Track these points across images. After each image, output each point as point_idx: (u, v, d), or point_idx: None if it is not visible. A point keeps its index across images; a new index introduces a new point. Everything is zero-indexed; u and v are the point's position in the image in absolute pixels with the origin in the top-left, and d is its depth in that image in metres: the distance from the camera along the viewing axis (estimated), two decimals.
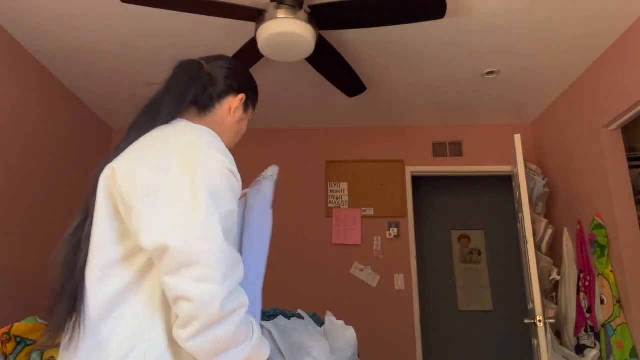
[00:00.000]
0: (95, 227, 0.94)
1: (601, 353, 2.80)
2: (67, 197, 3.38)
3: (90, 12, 2.57)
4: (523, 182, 3.11)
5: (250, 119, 1.25)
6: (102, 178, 0.95)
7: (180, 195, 0.85)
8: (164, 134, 0.98)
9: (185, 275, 0.81)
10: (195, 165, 0.89)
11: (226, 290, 0.81)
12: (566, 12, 2.56)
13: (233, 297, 0.83)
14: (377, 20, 2.36)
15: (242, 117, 1.20)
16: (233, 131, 1.18)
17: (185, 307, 0.80)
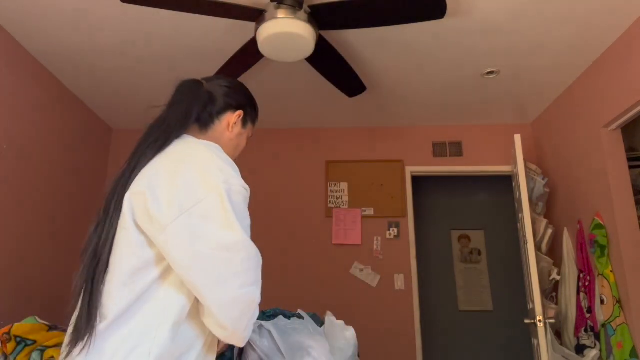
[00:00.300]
0: (120, 237, 1.01)
1: (601, 353, 2.80)
2: (67, 197, 3.38)
3: (90, 12, 2.57)
4: (523, 182, 3.11)
5: (250, 135, 1.33)
6: (130, 194, 1.02)
7: (211, 215, 0.95)
8: (180, 154, 1.06)
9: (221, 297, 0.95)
10: (217, 184, 0.98)
11: (259, 287, 0.97)
12: (566, 12, 2.56)
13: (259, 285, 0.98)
14: (377, 20, 2.36)
15: (241, 132, 1.28)
16: (232, 146, 1.26)
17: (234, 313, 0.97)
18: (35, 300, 2.97)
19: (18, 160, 2.89)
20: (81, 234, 3.57)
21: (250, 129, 1.33)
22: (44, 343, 1.84)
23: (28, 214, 2.97)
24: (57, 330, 1.95)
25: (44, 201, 3.13)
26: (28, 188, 2.98)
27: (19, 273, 2.87)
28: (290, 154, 4.15)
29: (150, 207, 0.97)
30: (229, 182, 1.00)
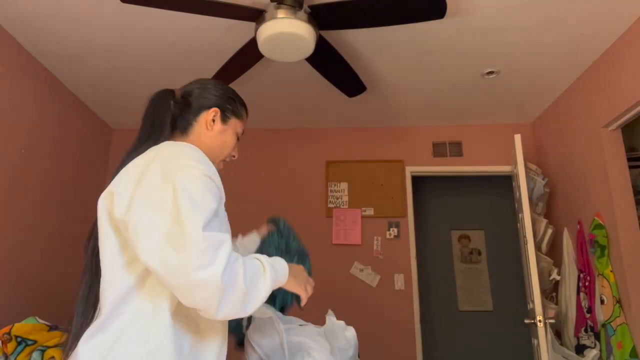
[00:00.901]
0: (102, 239, 1.08)
1: (601, 353, 2.80)
2: (67, 197, 3.38)
3: (90, 12, 2.57)
4: (523, 182, 3.11)
5: (240, 130, 1.34)
6: (101, 199, 1.10)
7: (164, 207, 0.97)
8: (150, 155, 1.10)
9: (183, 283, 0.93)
10: (174, 175, 1.01)
11: (220, 268, 0.91)
12: (566, 12, 2.56)
13: (229, 267, 0.94)
14: (377, 20, 2.36)
15: (223, 129, 1.29)
16: (217, 144, 1.29)
17: (198, 299, 0.93)
18: (35, 300, 2.97)
19: (18, 160, 2.89)
20: (81, 234, 3.57)
21: (236, 124, 1.33)
22: (45, 343, 1.84)
23: (28, 214, 2.97)
24: (57, 330, 1.95)
25: (43, 201, 3.13)
26: (28, 188, 2.98)
27: (19, 273, 2.87)
28: (290, 154, 4.15)
29: (115, 207, 1.03)
30: (186, 171, 1.02)
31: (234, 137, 1.33)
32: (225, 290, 0.92)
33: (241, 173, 4.05)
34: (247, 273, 0.98)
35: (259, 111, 3.85)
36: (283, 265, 1.15)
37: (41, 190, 3.11)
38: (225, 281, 0.92)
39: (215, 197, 1.03)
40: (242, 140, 4.22)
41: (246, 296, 0.97)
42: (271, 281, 1.04)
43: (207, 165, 1.07)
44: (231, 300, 0.95)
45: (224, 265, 0.92)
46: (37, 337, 1.85)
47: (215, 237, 0.95)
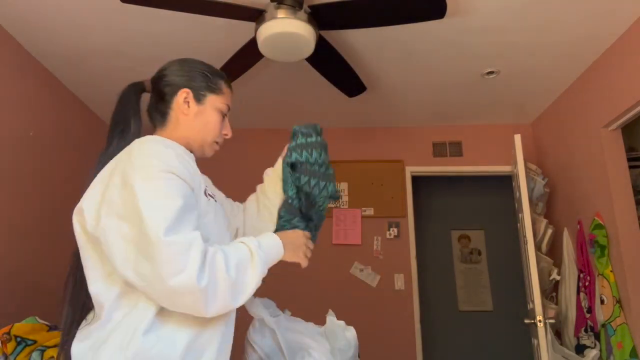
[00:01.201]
0: (82, 253, 1.06)
1: (601, 353, 2.80)
2: (66, 197, 3.38)
3: (90, 12, 2.57)
4: (523, 182, 3.11)
5: (221, 105, 1.23)
6: (74, 215, 1.08)
7: (127, 215, 0.93)
8: (112, 164, 1.06)
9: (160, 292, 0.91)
10: (131, 180, 0.96)
11: (193, 272, 0.88)
12: (566, 12, 2.56)
13: (205, 267, 0.90)
14: (377, 20, 2.36)
15: (200, 110, 1.20)
16: (197, 126, 1.20)
17: (182, 304, 0.92)
18: (35, 300, 2.97)
19: (18, 160, 2.89)
20: None
21: (214, 100, 1.22)
22: (44, 343, 1.84)
23: (28, 214, 2.97)
24: (57, 330, 1.95)
25: (43, 201, 3.13)
26: (28, 188, 2.98)
27: (19, 273, 2.87)
28: None
29: (87, 222, 1.01)
30: (142, 173, 0.97)
31: (217, 115, 1.21)
32: (207, 290, 0.89)
33: (241, 173, 4.05)
34: (230, 264, 0.94)
35: (259, 111, 3.85)
36: (274, 243, 1.09)
37: (41, 190, 3.11)
38: (203, 283, 0.88)
39: (179, 192, 0.96)
40: (242, 141, 4.22)
41: (234, 288, 0.94)
42: (261, 265, 1.00)
43: (166, 159, 1.00)
44: (217, 297, 0.91)
45: (197, 267, 0.88)
46: (37, 337, 1.85)
47: (181, 241, 0.89)
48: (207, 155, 1.25)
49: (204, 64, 1.26)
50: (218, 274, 0.91)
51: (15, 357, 1.75)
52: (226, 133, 1.25)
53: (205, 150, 1.24)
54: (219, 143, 1.26)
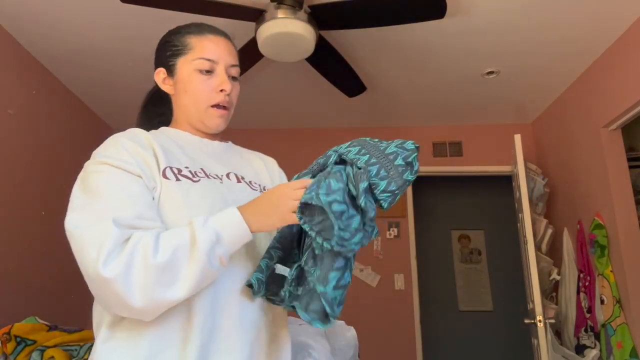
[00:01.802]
0: None
1: (601, 353, 2.80)
2: (67, 197, 3.38)
3: (90, 12, 2.57)
4: (523, 182, 3.11)
5: (195, 64, 1.03)
6: None
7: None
8: None
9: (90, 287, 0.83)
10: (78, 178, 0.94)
11: (100, 259, 0.78)
12: (566, 12, 2.56)
13: (117, 255, 0.78)
14: (377, 20, 2.36)
15: (176, 80, 1.06)
16: (183, 100, 1.06)
17: (108, 300, 0.81)
18: (35, 300, 2.97)
19: (18, 160, 2.89)
20: None
21: (183, 62, 1.04)
22: (44, 343, 1.84)
23: (28, 214, 2.97)
24: (57, 330, 1.95)
25: (44, 201, 3.13)
26: (28, 188, 2.98)
27: (19, 273, 2.87)
28: (290, 154, 4.14)
29: None
30: (86, 170, 0.95)
31: (194, 76, 1.03)
32: (118, 280, 0.77)
33: None
34: (159, 248, 0.79)
35: (259, 111, 3.85)
36: (229, 220, 0.85)
37: (41, 190, 3.11)
38: (109, 272, 0.76)
39: (105, 181, 0.89)
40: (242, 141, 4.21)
41: (164, 275, 0.78)
42: (205, 252, 0.80)
43: (105, 150, 0.96)
44: (137, 286, 0.77)
45: (103, 256, 0.77)
46: (37, 337, 1.85)
47: (89, 232, 0.81)
48: (213, 128, 1.07)
49: (169, 31, 1.11)
50: (136, 260, 0.78)
51: (15, 357, 1.75)
52: (222, 89, 1.03)
53: (206, 122, 1.05)
54: (219, 106, 1.04)
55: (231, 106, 1.07)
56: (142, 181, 0.90)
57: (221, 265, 0.83)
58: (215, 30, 1.08)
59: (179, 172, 0.95)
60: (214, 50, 1.04)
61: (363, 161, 0.89)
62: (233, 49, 1.09)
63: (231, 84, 1.05)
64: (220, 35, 1.08)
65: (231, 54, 1.07)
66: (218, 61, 1.04)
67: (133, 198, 0.86)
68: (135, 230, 0.82)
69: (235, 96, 1.08)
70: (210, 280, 0.84)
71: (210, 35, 1.06)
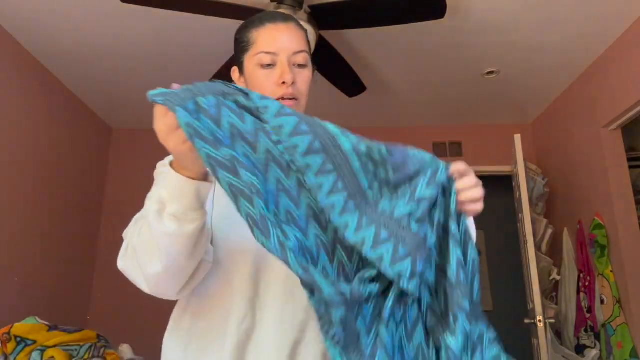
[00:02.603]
0: None
1: (601, 353, 2.80)
2: (67, 197, 3.38)
3: (90, 12, 2.57)
4: (523, 182, 3.11)
5: (255, 58, 0.99)
6: None
7: None
8: None
9: None
10: None
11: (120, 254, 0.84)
12: (566, 12, 2.56)
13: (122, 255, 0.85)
14: (377, 20, 2.36)
15: (246, 78, 1.03)
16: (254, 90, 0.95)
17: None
18: (35, 300, 2.97)
19: (18, 159, 2.89)
20: (81, 234, 3.57)
21: (248, 59, 1.01)
22: (44, 343, 1.84)
23: (28, 214, 2.97)
24: (57, 330, 1.95)
25: (44, 201, 3.13)
26: (28, 188, 2.98)
27: (19, 273, 2.87)
28: None
29: None
30: None
31: (258, 72, 0.99)
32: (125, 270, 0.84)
33: None
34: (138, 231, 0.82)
35: None
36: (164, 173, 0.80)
37: (41, 190, 3.11)
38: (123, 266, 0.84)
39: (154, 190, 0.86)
40: None
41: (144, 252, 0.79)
42: (153, 211, 0.77)
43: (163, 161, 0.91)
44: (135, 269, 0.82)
45: (121, 253, 0.85)
46: (37, 337, 1.85)
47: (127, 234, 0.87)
48: None
49: (238, 27, 1.06)
50: (129, 244, 0.84)
51: (15, 357, 1.75)
52: (284, 81, 0.96)
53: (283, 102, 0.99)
54: (284, 99, 0.97)
55: (301, 95, 1.00)
56: None
57: (184, 223, 0.76)
58: (275, 17, 1.02)
59: None
60: (273, 42, 0.98)
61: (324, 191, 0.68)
62: (298, 34, 1.01)
63: (294, 74, 0.97)
64: (280, 21, 1.01)
65: (295, 39, 1.00)
66: (278, 52, 0.97)
67: None
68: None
69: (304, 83, 1.00)
70: (183, 241, 0.77)
71: (269, 24, 1.00)
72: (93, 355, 1.89)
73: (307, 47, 1.03)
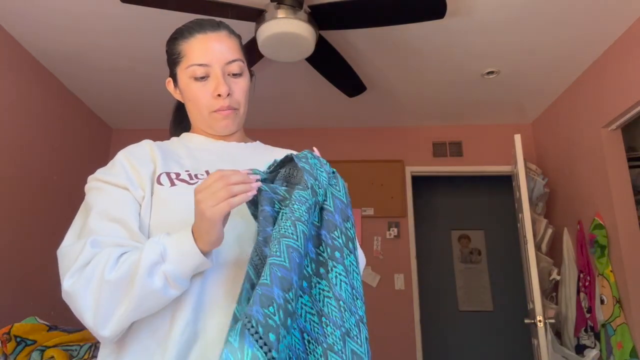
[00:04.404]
0: None
1: (601, 353, 2.80)
2: (67, 197, 3.38)
3: (90, 12, 2.57)
4: (523, 182, 3.11)
5: (187, 70, 0.98)
6: None
7: None
8: None
9: None
10: None
11: (68, 274, 0.78)
12: (566, 12, 2.56)
13: (80, 269, 0.78)
14: (377, 20, 2.36)
15: (180, 90, 1.04)
16: (189, 108, 1.04)
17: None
18: (35, 300, 2.97)
19: (18, 160, 2.89)
20: None
21: (180, 71, 1.00)
22: (44, 343, 1.84)
23: (28, 214, 2.97)
24: (57, 330, 1.95)
25: (44, 201, 3.13)
26: (28, 188, 2.98)
27: (19, 273, 2.87)
28: None
29: None
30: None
31: (192, 84, 0.98)
32: (75, 294, 0.77)
33: None
34: (116, 265, 0.77)
35: (259, 111, 3.85)
36: (180, 233, 0.79)
37: (41, 190, 3.11)
38: (68, 285, 0.77)
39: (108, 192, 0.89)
40: None
41: (116, 290, 0.76)
42: (149, 261, 0.75)
43: (107, 168, 0.95)
44: (91, 301, 0.76)
45: (71, 270, 0.78)
46: (37, 337, 1.85)
47: (70, 247, 0.82)
48: (222, 131, 1.01)
49: (168, 39, 1.04)
50: (93, 276, 0.77)
51: (15, 357, 1.75)
52: (218, 94, 0.96)
53: (213, 126, 1.01)
54: (221, 111, 0.98)
55: (238, 105, 1.00)
56: (128, 192, 0.90)
57: (169, 286, 0.76)
58: (204, 26, 0.99)
59: (177, 176, 0.93)
60: (204, 53, 0.96)
61: None
62: (230, 42, 0.99)
63: (229, 84, 0.97)
64: (210, 30, 0.98)
65: (227, 48, 0.97)
66: (211, 64, 0.96)
67: (115, 208, 0.86)
68: (109, 247, 0.80)
69: (241, 92, 0.99)
70: (158, 302, 0.77)
71: (199, 35, 0.97)
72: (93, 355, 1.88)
73: (241, 54, 1.01)
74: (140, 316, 0.79)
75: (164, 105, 3.58)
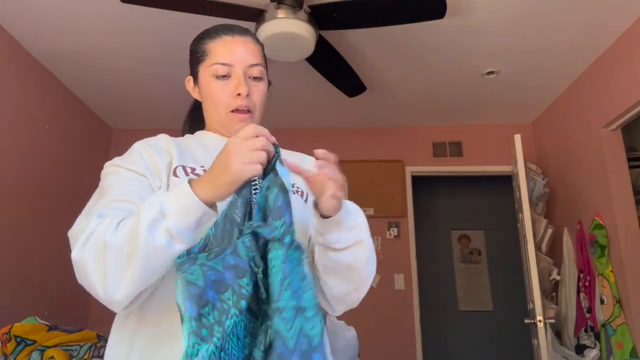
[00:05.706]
0: None
1: (601, 353, 2.80)
2: (67, 197, 3.38)
3: (90, 12, 2.57)
4: (523, 182, 3.11)
5: (210, 69, 1.01)
6: None
7: None
8: None
9: None
10: None
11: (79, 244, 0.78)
12: (566, 12, 2.56)
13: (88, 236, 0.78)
14: (377, 20, 2.36)
15: (200, 88, 1.05)
16: (206, 107, 1.06)
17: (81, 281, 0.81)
18: (35, 300, 2.97)
19: (18, 160, 2.89)
20: None
21: (203, 69, 1.02)
22: (44, 343, 1.84)
23: (28, 214, 2.97)
24: (57, 330, 1.95)
25: (44, 201, 3.13)
26: (28, 188, 2.98)
27: (19, 273, 2.87)
28: None
29: None
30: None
31: (212, 82, 1.00)
32: (83, 261, 0.77)
33: None
34: (117, 229, 0.77)
35: None
36: (177, 187, 0.79)
37: (41, 190, 3.11)
38: (76, 253, 0.77)
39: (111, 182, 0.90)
40: None
41: (118, 254, 0.75)
42: (148, 219, 0.74)
43: (124, 156, 0.96)
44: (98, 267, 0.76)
45: (79, 241, 0.78)
46: (37, 337, 1.85)
47: (80, 222, 0.83)
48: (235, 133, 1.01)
49: (194, 38, 1.07)
50: (98, 238, 0.76)
51: (15, 357, 1.75)
52: (239, 92, 0.98)
53: (228, 127, 1.02)
54: (240, 110, 1.00)
55: (254, 108, 1.02)
56: (145, 179, 0.91)
57: (175, 241, 0.75)
58: (232, 29, 1.04)
59: (192, 170, 0.94)
60: (228, 53, 1.00)
61: None
62: (253, 47, 1.03)
63: (249, 86, 0.99)
64: (237, 34, 1.03)
65: (251, 52, 1.02)
66: (234, 64, 0.99)
67: (131, 190, 0.87)
68: (112, 216, 0.80)
69: (259, 96, 1.02)
70: (167, 260, 0.75)
71: (226, 36, 1.02)
72: (93, 355, 1.88)
73: (263, 61, 1.05)
74: (152, 277, 0.78)
75: (164, 105, 3.58)
